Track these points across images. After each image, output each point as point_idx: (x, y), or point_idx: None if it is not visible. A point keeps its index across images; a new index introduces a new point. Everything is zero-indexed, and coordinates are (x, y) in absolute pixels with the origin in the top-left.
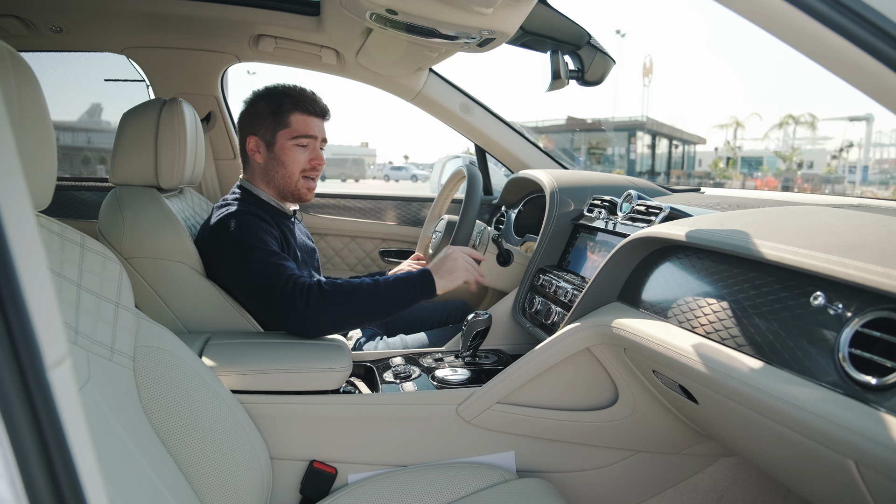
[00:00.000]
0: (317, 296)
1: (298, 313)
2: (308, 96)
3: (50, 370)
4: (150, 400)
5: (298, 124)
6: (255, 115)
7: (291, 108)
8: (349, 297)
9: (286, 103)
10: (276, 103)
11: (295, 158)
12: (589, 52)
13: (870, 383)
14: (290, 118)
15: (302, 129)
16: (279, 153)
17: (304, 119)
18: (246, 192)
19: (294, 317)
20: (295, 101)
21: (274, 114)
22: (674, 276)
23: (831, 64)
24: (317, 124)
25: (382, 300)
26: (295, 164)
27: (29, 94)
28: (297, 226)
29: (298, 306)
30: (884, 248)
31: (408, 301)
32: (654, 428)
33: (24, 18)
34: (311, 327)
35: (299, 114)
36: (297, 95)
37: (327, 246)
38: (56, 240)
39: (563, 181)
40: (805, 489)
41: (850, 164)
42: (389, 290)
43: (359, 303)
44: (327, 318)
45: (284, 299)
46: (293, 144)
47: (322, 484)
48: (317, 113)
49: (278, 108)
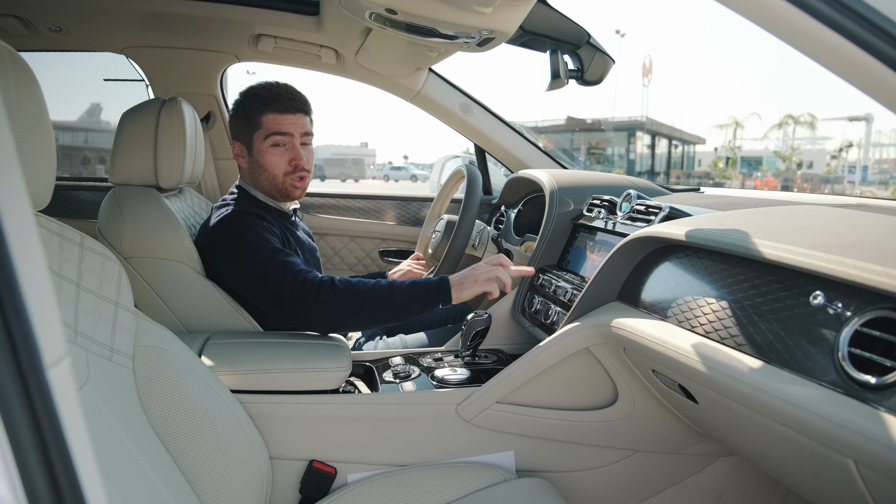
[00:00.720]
0: (328, 292)
1: (307, 308)
2: (279, 93)
3: (49, 369)
4: (150, 400)
5: (270, 123)
6: (235, 120)
7: (262, 109)
8: (361, 297)
9: (256, 105)
10: (248, 106)
11: (273, 161)
12: (588, 52)
13: (869, 382)
14: (261, 119)
15: (274, 128)
16: (257, 156)
17: (276, 118)
18: (243, 193)
19: (302, 311)
20: (264, 101)
21: (247, 117)
22: (673, 275)
23: (831, 63)
24: (291, 120)
25: (396, 303)
26: (275, 167)
27: (28, 94)
28: (299, 224)
29: (308, 301)
30: (883, 248)
31: (421, 306)
32: (653, 427)
33: (24, 18)
34: (320, 323)
35: (270, 113)
36: (267, 94)
37: (327, 246)
38: (55, 239)
39: (563, 181)
40: (804, 489)
41: (850, 164)
42: (404, 293)
43: (371, 303)
44: (337, 315)
45: (293, 295)
46: (269, 146)
47: (322, 484)
48: (289, 109)
49: (250, 111)
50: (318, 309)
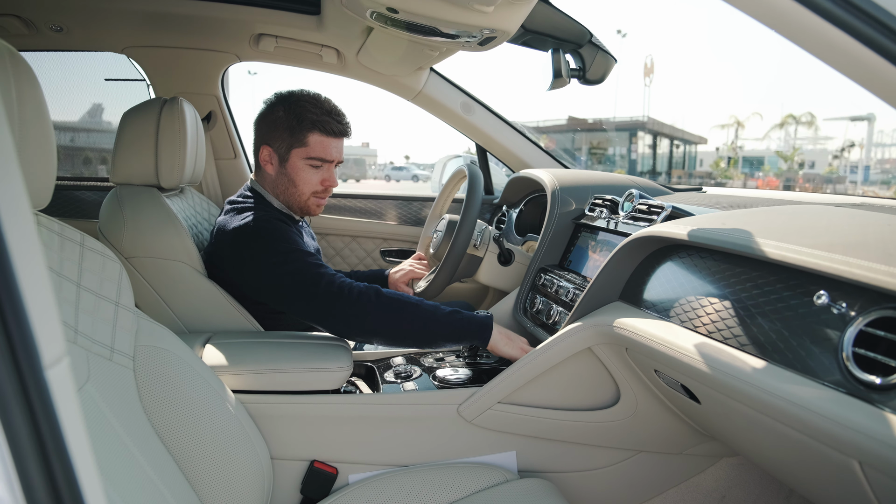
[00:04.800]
0: (370, 297)
1: (348, 312)
2: (332, 114)
3: (47, 369)
4: (151, 400)
5: (316, 146)
6: (273, 124)
7: (311, 127)
8: (404, 309)
9: (306, 120)
10: (296, 117)
11: (307, 179)
12: (590, 51)
13: (874, 383)
14: (308, 137)
15: (319, 152)
16: (290, 171)
17: (323, 141)
18: (259, 197)
19: (343, 316)
20: (316, 120)
21: (292, 129)
22: (676, 275)
23: (834, 60)
24: (335, 146)
25: (437, 325)
26: (306, 185)
27: (28, 94)
28: (305, 229)
29: (348, 305)
30: (887, 247)
31: (459, 336)
32: (655, 428)
33: (25, 18)
34: (359, 328)
35: (319, 134)
36: (320, 112)
37: (328, 246)
38: (56, 239)
39: (565, 180)
40: (808, 489)
41: (852, 163)
42: (447, 317)
43: (411, 317)
44: (378, 320)
45: (329, 296)
46: (307, 164)
47: (323, 484)
48: (337, 134)
49: (298, 124)
50: (360, 312)
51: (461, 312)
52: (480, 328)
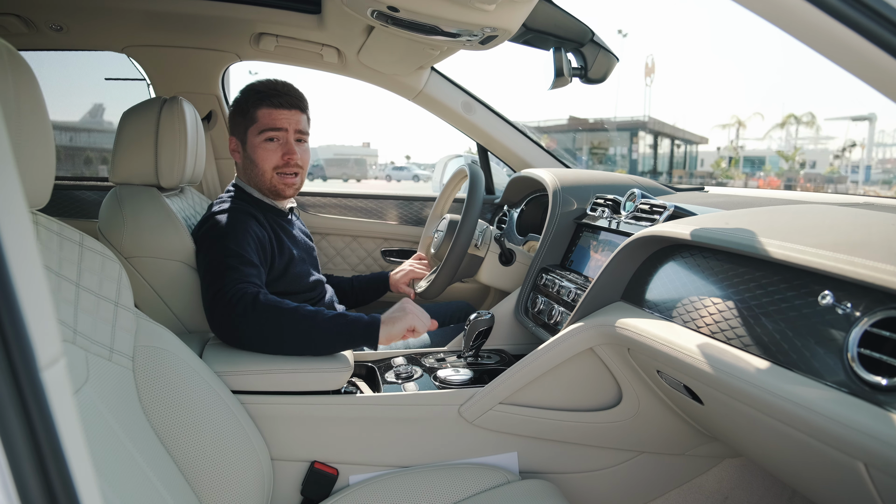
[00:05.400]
0: (248, 304)
1: (227, 317)
2: (275, 88)
3: (43, 371)
4: (150, 400)
5: (264, 118)
6: (232, 116)
7: (257, 103)
8: (280, 315)
9: (252, 99)
10: (244, 100)
11: (264, 156)
12: (592, 50)
13: (879, 384)
14: (256, 113)
15: (268, 123)
16: (251, 152)
17: (270, 112)
18: (239, 189)
19: (221, 319)
20: (260, 96)
21: (243, 112)
22: (678, 275)
23: (837, 55)
24: (285, 116)
25: (317, 330)
26: (266, 162)
27: (27, 93)
28: (296, 223)
29: (227, 309)
30: (892, 247)
31: (345, 340)
32: (658, 429)
33: (25, 17)
34: (235, 334)
35: (265, 108)
36: (263, 89)
37: (329, 246)
38: (55, 238)
39: (566, 180)
40: (812, 491)
41: (853, 163)
42: (328, 322)
43: (290, 324)
44: (253, 329)
45: (217, 300)
46: (262, 140)
47: (323, 485)
48: (284, 105)
49: (246, 105)
50: (234, 319)
51: (346, 316)
52: (366, 330)
